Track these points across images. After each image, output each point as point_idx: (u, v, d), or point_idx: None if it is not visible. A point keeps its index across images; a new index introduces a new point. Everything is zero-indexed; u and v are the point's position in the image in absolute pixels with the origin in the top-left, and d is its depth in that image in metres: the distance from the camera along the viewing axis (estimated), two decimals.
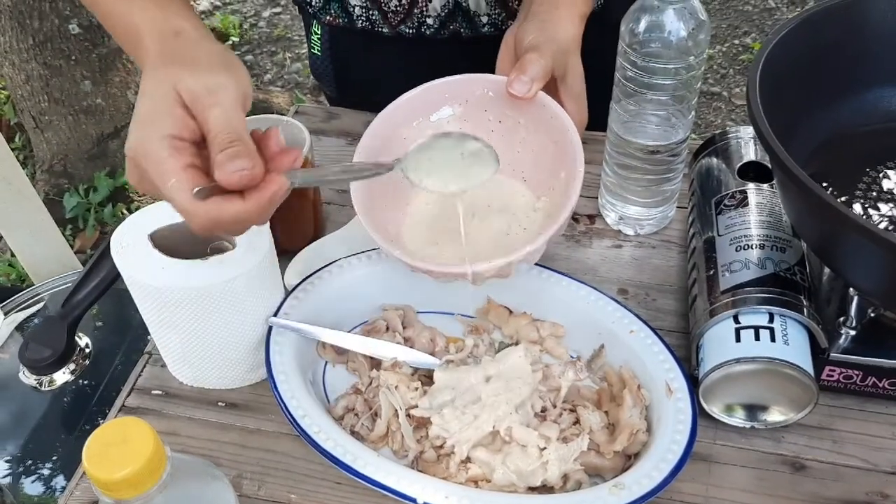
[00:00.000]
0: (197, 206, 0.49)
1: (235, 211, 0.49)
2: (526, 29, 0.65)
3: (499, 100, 0.64)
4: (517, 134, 0.65)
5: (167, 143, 0.49)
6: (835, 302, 0.62)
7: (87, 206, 2.00)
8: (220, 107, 0.50)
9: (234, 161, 0.48)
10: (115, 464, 0.38)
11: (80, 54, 1.91)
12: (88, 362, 0.97)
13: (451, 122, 0.66)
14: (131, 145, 0.51)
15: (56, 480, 0.93)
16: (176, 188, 0.49)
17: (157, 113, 0.51)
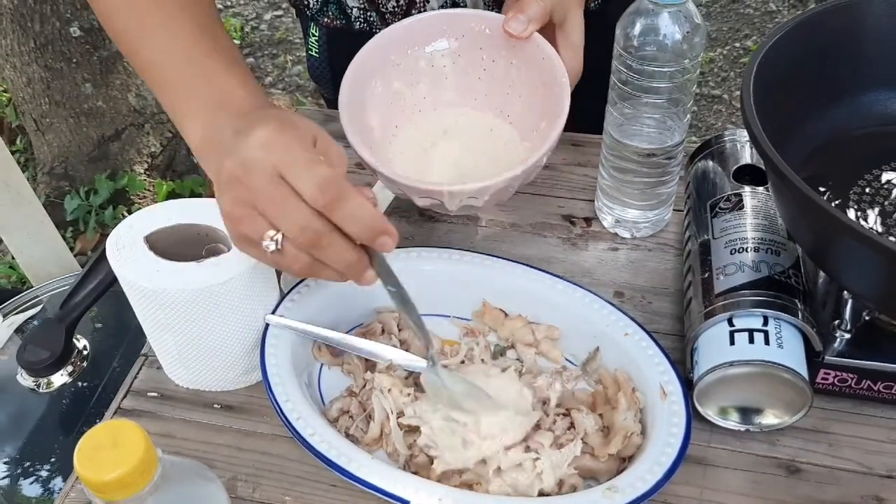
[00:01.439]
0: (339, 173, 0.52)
1: (361, 202, 0.51)
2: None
3: (495, 38, 0.65)
4: (508, 75, 0.67)
5: (310, 147, 0.53)
6: (829, 305, 0.62)
7: (87, 208, 2.00)
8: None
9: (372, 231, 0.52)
10: (105, 465, 0.38)
11: (81, 57, 1.91)
12: (86, 364, 0.97)
13: (445, 56, 0.68)
14: (265, 134, 0.51)
15: (54, 482, 0.93)
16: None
17: (294, 120, 0.54)
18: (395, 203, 0.80)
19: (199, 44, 0.59)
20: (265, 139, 0.51)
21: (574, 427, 0.59)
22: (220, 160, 0.52)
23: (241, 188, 0.51)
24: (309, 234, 0.50)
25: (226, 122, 0.55)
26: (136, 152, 2.07)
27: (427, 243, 0.76)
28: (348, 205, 0.50)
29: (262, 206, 0.51)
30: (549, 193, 0.81)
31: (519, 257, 0.70)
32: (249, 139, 0.51)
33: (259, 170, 0.50)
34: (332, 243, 0.51)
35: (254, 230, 0.52)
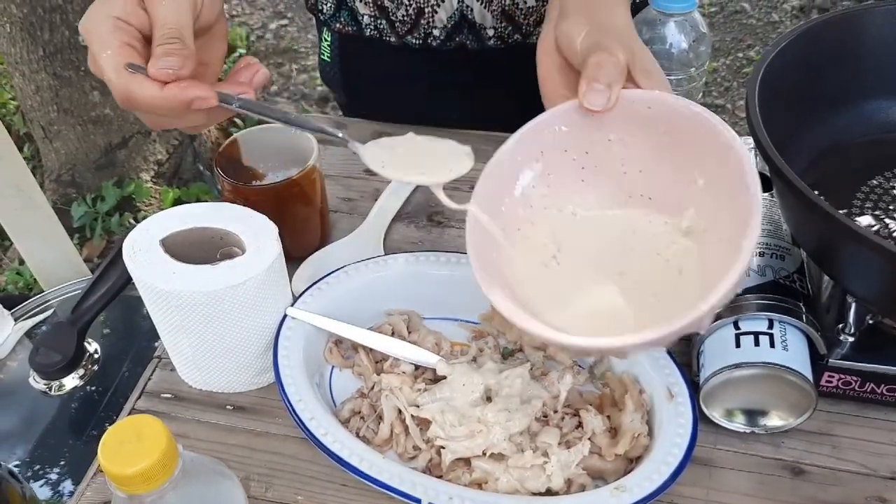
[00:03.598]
0: (120, 76, 0.52)
1: (150, 95, 0.52)
2: (572, 27, 0.53)
3: (575, 129, 0.52)
4: (612, 153, 0.52)
5: (111, 22, 0.53)
6: (834, 309, 0.63)
7: (94, 215, 2.01)
8: (170, 3, 0.53)
9: (166, 58, 0.51)
10: (129, 459, 0.39)
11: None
12: (97, 368, 0.98)
13: (537, 186, 0.54)
14: (82, 23, 0.54)
15: (64, 485, 0.93)
16: (108, 58, 0.52)
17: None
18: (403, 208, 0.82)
19: None
20: (81, 32, 0.54)
21: (582, 426, 0.60)
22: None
23: (87, 45, 0.54)
24: (121, 100, 0.53)
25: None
26: (142, 160, 2.08)
27: (435, 247, 0.77)
28: (136, 104, 0.53)
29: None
30: None
31: None
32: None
33: (89, 48, 0.54)
34: (147, 112, 0.54)
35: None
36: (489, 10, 0.83)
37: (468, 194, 0.53)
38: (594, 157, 0.53)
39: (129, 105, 0.53)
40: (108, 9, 0.53)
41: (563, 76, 0.53)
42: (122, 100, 0.53)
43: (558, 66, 0.54)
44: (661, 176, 0.51)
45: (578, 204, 0.53)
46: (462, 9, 0.83)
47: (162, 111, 0.54)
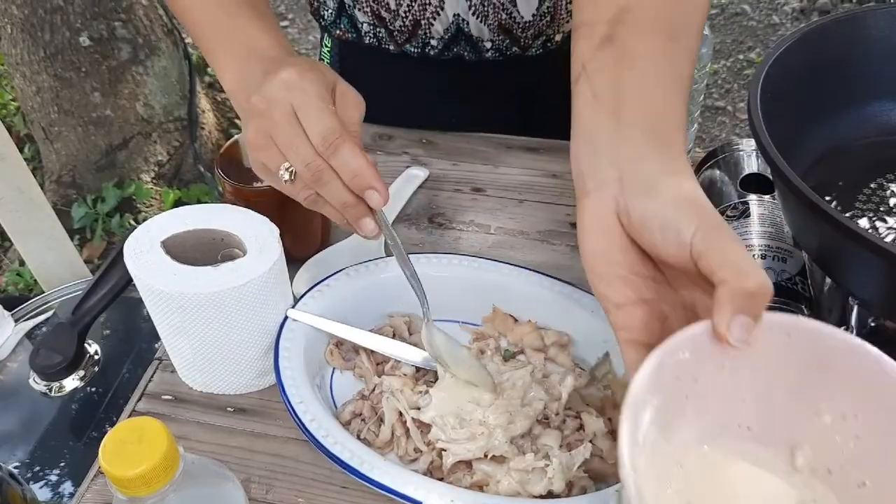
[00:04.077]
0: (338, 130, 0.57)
1: (360, 161, 0.57)
2: (674, 217, 0.43)
3: (696, 358, 0.42)
4: (722, 381, 0.43)
5: (324, 89, 0.58)
6: (836, 311, 0.63)
7: (94, 216, 2.01)
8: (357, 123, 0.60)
9: (360, 181, 0.57)
10: (130, 461, 0.39)
11: (89, 66, 1.93)
12: (97, 369, 0.98)
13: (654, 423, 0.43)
14: (287, 76, 0.57)
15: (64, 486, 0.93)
16: (331, 112, 0.57)
17: (315, 72, 0.59)
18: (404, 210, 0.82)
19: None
20: (287, 80, 0.58)
21: (583, 429, 0.60)
22: (249, 96, 0.59)
23: (263, 121, 0.58)
24: (311, 170, 0.57)
25: (255, 66, 0.61)
26: (143, 161, 2.08)
27: (437, 250, 0.77)
28: (343, 154, 0.57)
29: (277, 139, 0.58)
30: (557, 202, 0.83)
31: (528, 264, 0.71)
32: (275, 79, 0.58)
33: (279, 106, 0.57)
34: (331, 182, 0.58)
35: (271, 160, 0.59)
36: (485, 24, 0.83)
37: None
38: (703, 385, 0.43)
39: (333, 149, 0.56)
40: (314, 76, 0.58)
41: (626, 257, 0.46)
42: (334, 143, 0.56)
43: (621, 246, 0.46)
44: (775, 405, 0.44)
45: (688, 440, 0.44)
46: (458, 22, 0.83)
47: (346, 180, 0.57)
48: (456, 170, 0.87)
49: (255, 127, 0.58)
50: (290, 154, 0.57)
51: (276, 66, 0.59)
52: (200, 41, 0.67)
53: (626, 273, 0.46)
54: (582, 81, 0.52)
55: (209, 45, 0.66)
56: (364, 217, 0.60)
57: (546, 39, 0.86)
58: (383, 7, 0.83)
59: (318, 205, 0.60)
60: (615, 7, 0.52)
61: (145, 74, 2.01)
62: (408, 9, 0.83)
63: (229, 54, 0.64)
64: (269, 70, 0.59)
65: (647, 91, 0.49)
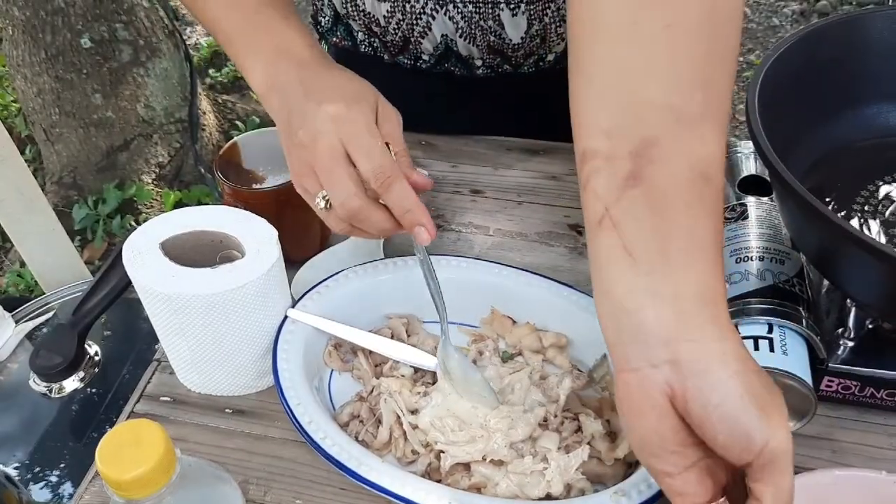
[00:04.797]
0: (391, 160, 0.59)
1: (408, 194, 0.59)
2: (712, 400, 0.42)
3: None
4: None
5: (373, 119, 0.60)
6: (833, 313, 0.63)
7: (95, 217, 2.02)
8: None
9: (411, 217, 0.60)
10: (127, 464, 0.39)
11: (91, 68, 1.94)
12: (97, 370, 0.98)
13: None
14: (335, 111, 0.58)
15: (63, 487, 0.93)
16: (382, 147, 0.59)
17: (363, 95, 0.61)
18: None
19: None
20: (335, 113, 0.59)
21: (581, 430, 0.60)
22: (291, 123, 0.60)
23: (307, 153, 0.59)
24: (347, 207, 0.59)
25: (290, 71, 0.62)
26: (144, 162, 2.09)
27: (435, 251, 0.77)
28: (396, 189, 0.59)
29: (319, 171, 0.59)
30: (556, 203, 0.83)
31: (526, 266, 0.71)
32: (322, 111, 0.59)
33: (325, 140, 0.59)
34: (369, 218, 0.60)
35: (311, 187, 0.61)
36: (474, 44, 0.83)
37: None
38: None
39: (385, 186, 0.59)
40: (362, 108, 0.60)
41: (678, 435, 0.44)
42: (387, 181, 0.58)
43: (673, 426, 0.44)
44: None
45: None
46: (446, 42, 0.83)
47: (398, 215, 0.60)
48: (455, 171, 0.87)
49: (298, 156, 0.60)
50: (329, 189, 0.59)
51: (316, 82, 0.61)
52: (223, 41, 0.66)
53: (677, 447, 0.44)
54: (606, 227, 0.44)
55: (232, 45, 0.65)
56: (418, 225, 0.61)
57: (538, 59, 0.86)
58: (374, 22, 0.84)
59: (353, 232, 0.63)
60: (638, 138, 0.44)
61: (146, 76, 2.02)
62: (397, 26, 0.83)
63: (255, 54, 0.63)
64: (309, 85, 0.60)
65: (694, 252, 0.44)
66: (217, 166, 0.72)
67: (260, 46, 0.63)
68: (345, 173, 0.58)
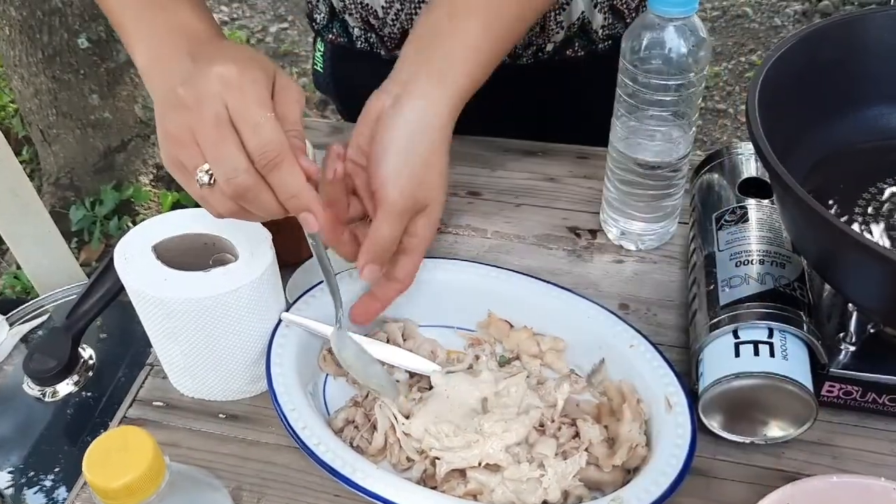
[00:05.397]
0: (282, 136, 0.52)
1: (299, 180, 0.53)
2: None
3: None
4: None
5: (265, 89, 0.52)
6: (835, 318, 0.62)
7: (92, 218, 2.01)
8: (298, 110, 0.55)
9: (296, 202, 0.54)
10: (114, 472, 0.38)
11: (88, 68, 1.93)
12: (92, 374, 0.97)
13: None
14: (226, 72, 0.51)
15: (58, 492, 0.92)
16: (272, 119, 0.51)
17: (259, 64, 0.53)
18: None
19: None
20: (225, 75, 0.51)
21: (579, 436, 0.59)
22: (173, 82, 0.52)
23: (189, 115, 0.51)
24: (235, 184, 0.52)
25: (179, 46, 0.56)
26: (141, 163, 2.08)
27: (432, 254, 0.76)
28: (281, 172, 0.52)
29: (202, 140, 0.52)
30: (554, 205, 0.82)
31: (524, 269, 0.70)
32: (210, 71, 0.51)
33: (211, 104, 0.51)
34: (259, 197, 0.53)
35: (189, 158, 0.53)
36: None
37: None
38: None
39: (272, 165, 0.52)
40: (263, 72, 0.53)
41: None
42: (274, 158, 0.52)
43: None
44: None
45: None
46: None
47: (282, 199, 0.53)
48: (452, 173, 0.85)
49: (177, 120, 0.52)
50: (215, 161, 0.52)
51: (206, 51, 0.54)
52: (116, 24, 0.61)
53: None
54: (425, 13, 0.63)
55: (124, 27, 0.60)
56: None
57: (537, 49, 0.86)
58: (371, 14, 0.83)
59: (239, 215, 0.55)
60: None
61: None
62: (395, 17, 0.82)
63: (144, 26, 0.58)
64: (198, 55, 0.54)
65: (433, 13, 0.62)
66: None
67: (153, 25, 0.58)
68: (233, 145, 0.51)
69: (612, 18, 0.84)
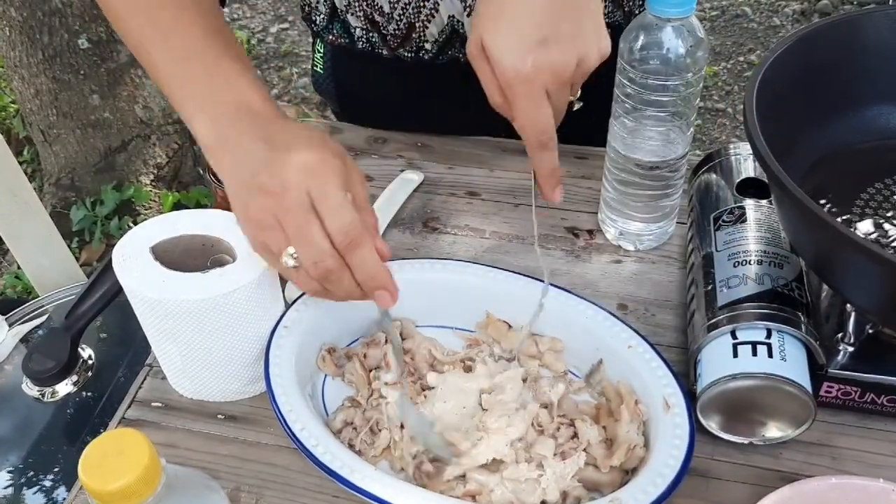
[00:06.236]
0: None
1: (374, 258, 0.55)
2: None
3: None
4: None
5: (345, 184, 0.55)
6: (833, 318, 0.62)
7: (93, 218, 2.01)
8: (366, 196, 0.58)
9: (374, 283, 0.56)
10: (110, 475, 0.38)
11: (88, 69, 1.93)
12: (91, 374, 0.98)
13: None
14: (307, 160, 0.53)
15: (58, 492, 0.93)
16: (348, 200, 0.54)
17: (333, 149, 0.56)
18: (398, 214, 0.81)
19: (211, 46, 0.60)
20: (306, 164, 0.54)
21: (577, 437, 0.59)
22: (252, 166, 0.55)
23: (273, 201, 0.54)
24: (321, 267, 0.54)
25: (249, 129, 0.57)
26: (142, 163, 2.08)
27: (431, 254, 0.76)
28: (361, 252, 0.55)
29: (287, 225, 0.54)
30: (553, 206, 0.82)
31: (522, 269, 0.70)
32: (290, 159, 0.54)
33: (295, 192, 0.53)
34: (341, 280, 0.55)
35: (275, 243, 0.55)
36: None
37: None
38: None
39: (352, 246, 0.54)
40: (333, 161, 0.55)
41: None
42: (354, 240, 0.54)
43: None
44: None
45: None
46: (453, 24, 0.82)
47: (360, 279, 0.55)
48: (451, 173, 0.86)
49: (260, 205, 0.54)
50: (300, 246, 0.54)
51: (279, 136, 0.55)
52: (167, 86, 0.60)
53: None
54: None
55: (180, 90, 0.60)
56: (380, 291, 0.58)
57: None
58: (377, 11, 0.83)
59: (320, 294, 0.57)
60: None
61: (144, 77, 2.01)
62: (402, 12, 0.82)
63: (209, 104, 0.58)
64: (271, 139, 0.55)
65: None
66: (210, 170, 0.71)
67: (218, 104, 0.58)
68: (317, 229, 0.53)
69: (611, 6, 0.84)
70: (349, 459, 0.56)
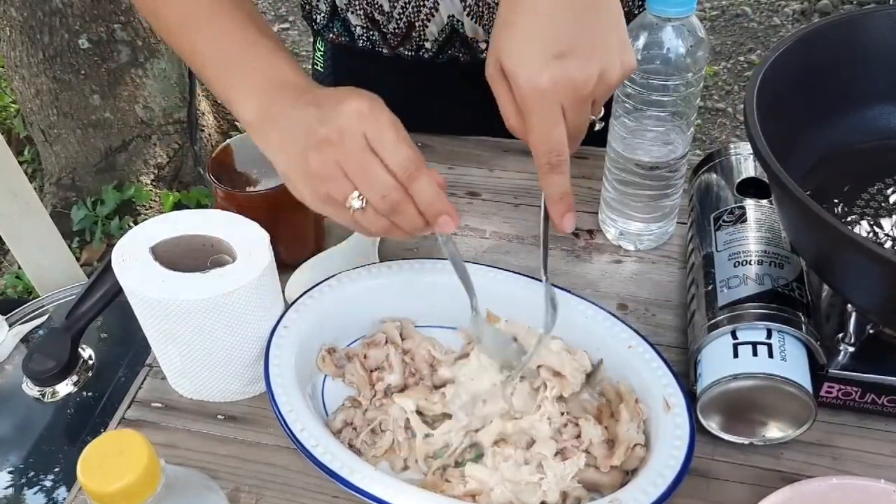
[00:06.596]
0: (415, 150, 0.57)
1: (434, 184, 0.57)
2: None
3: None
4: None
5: (398, 122, 0.57)
6: (833, 318, 0.62)
7: (94, 218, 2.01)
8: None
9: (435, 208, 0.58)
10: (109, 476, 0.38)
11: (89, 69, 1.93)
12: (91, 374, 0.98)
13: None
14: (359, 106, 0.56)
15: (58, 492, 0.93)
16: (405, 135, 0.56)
17: (370, 95, 0.58)
18: None
19: (249, 28, 0.64)
20: (358, 110, 0.56)
21: (580, 436, 0.59)
22: (307, 127, 0.57)
23: (334, 151, 0.56)
24: (389, 201, 0.56)
25: (291, 97, 0.59)
26: (142, 163, 2.08)
27: (432, 255, 0.76)
28: (421, 182, 0.57)
29: (351, 170, 0.56)
30: None
31: (523, 269, 0.70)
32: (343, 108, 0.56)
33: (353, 137, 0.56)
34: (407, 210, 0.57)
35: (339, 191, 0.57)
36: (480, 24, 0.82)
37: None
38: None
39: (413, 176, 0.56)
40: (380, 104, 0.58)
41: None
42: (415, 171, 0.56)
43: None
44: None
45: None
46: (453, 23, 0.82)
47: (422, 207, 0.57)
48: (451, 173, 0.86)
49: (321, 158, 0.56)
50: (365, 185, 0.56)
51: (325, 96, 0.58)
52: (207, 71, 0.64)
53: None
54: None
55: (220, 75, 0.63)
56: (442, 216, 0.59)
57: None
58: (377, 9, 0.83)
59: (389, 231, 0.59)
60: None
61: (145, 77, 2.01)
62: (402, 11, 0.82)
63: (250, 84, 0.62)
64: (320, 101, 0.58)
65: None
66: (209, 169, 0.71)
67: (261, 83, 0.61)
68: (379, 167, 0.56)
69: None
70: (349, 460, 0.56)
